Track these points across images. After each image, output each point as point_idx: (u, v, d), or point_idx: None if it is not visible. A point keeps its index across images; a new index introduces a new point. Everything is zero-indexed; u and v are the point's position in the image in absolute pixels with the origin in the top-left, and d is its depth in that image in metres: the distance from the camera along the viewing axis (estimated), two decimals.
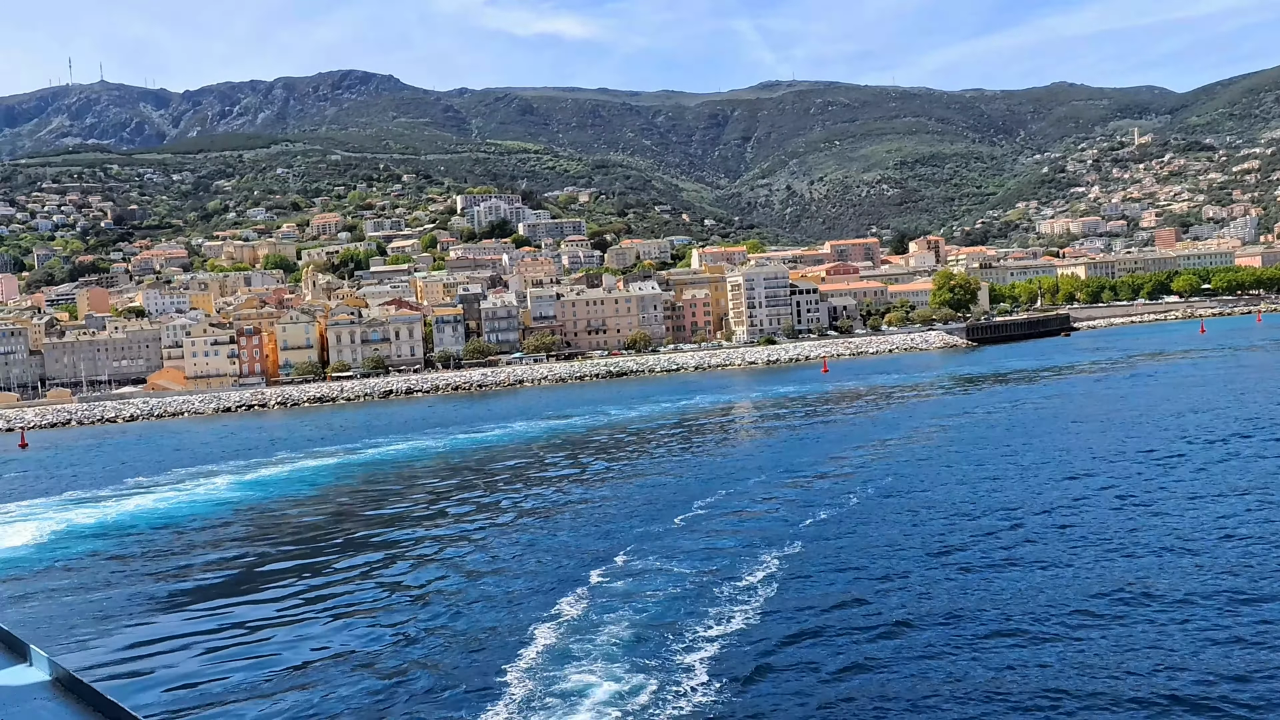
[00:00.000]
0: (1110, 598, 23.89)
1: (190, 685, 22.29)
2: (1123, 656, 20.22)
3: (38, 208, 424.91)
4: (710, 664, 21.53)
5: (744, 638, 23.10)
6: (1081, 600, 23.89)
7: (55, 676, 3.19)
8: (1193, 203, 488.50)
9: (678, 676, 20.92)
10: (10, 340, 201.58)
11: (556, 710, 19.47)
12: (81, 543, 42.13)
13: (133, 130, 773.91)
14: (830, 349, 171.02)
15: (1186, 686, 18.65)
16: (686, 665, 21.51)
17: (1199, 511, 32.42)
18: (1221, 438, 47.80)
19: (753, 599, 26.05)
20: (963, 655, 21.07)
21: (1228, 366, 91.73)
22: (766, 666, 21.21)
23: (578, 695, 20.11)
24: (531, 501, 45.44)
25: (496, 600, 28.13)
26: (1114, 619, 22.45)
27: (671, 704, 19.48)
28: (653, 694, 20.02)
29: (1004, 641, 21.67)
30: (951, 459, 48.42)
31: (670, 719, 18.95)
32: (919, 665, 20.79)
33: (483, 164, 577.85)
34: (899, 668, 20.80)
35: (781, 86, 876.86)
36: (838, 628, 23.35)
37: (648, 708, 19.40)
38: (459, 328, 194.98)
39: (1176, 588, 24.21)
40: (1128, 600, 23.65)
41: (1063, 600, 23.98)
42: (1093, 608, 23.26)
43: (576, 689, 20.45)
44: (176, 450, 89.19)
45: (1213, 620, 21.76)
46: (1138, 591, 24.18)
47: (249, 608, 29.33)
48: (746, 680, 20.55)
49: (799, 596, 26.18)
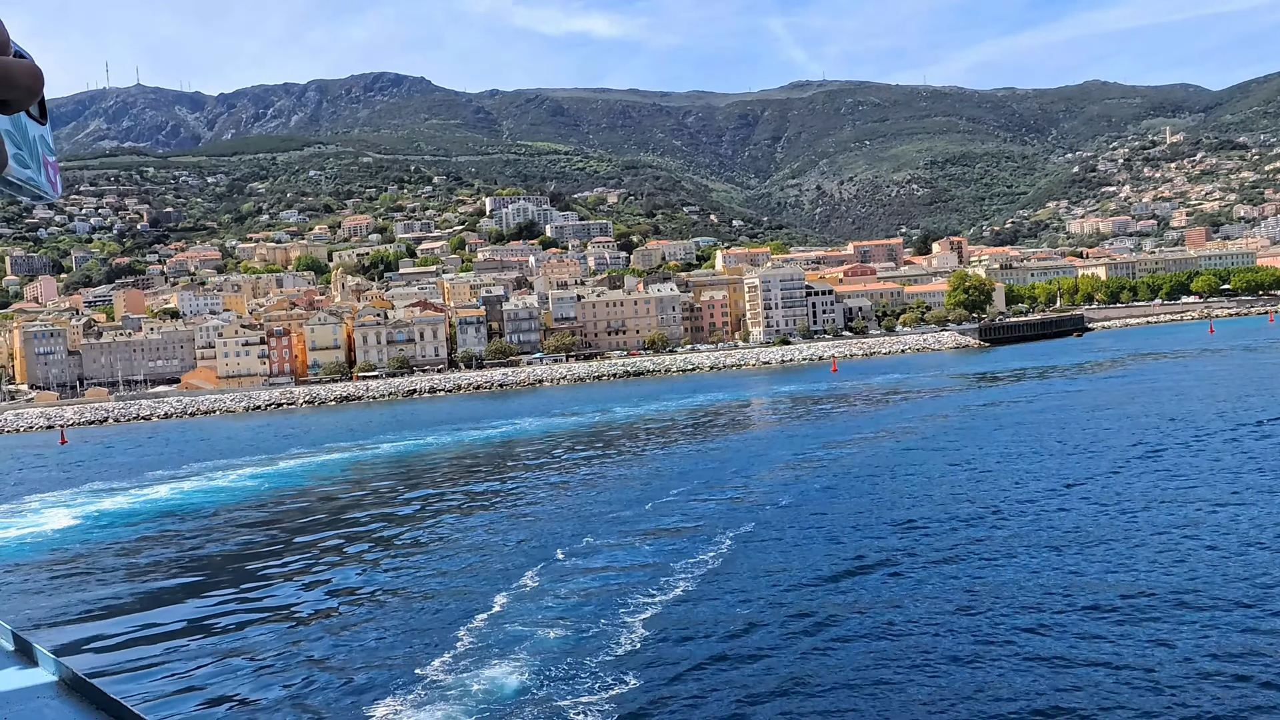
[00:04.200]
0: (1024, 594, 27.19)
1: (174, 675, 23.50)
2: (1070, 648, 21.34)
3: (75, 210, 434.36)
4: (638, 651, 23.12)
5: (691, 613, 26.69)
6: (1015, 595, 26.44)
7: (61, 677, 3.12)
8: (1224, 202, 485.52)
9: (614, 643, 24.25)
10: (50, 341, 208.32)
11: (502, 654, 23.18)
12: (102, 531, 46.39)
13: (168, 133, 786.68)
14: (843, 349, 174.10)
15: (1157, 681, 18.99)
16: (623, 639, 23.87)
17: (1072, 512, 35.20)
18: (1120, 446, 48.58)
19: (707, 572, 29.59)
20: (895, 643, 22.54)
21: (1207, 368, 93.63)
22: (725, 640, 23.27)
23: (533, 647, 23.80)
24: (517, 491, 49.22)
25: (467, 576, 31.94)
26: (1032, 612, 25.54)
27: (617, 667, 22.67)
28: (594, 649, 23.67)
29: (933, 617, 24.86)
30: (890, 461, 51.33)
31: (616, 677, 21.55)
32: (847, 651, 22.13)
33: (513, 165, 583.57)
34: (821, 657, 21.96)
35: (812, 86, 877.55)
36: (767, 612, 26.32)
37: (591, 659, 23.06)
38: (482, 329, 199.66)
39: (1075, 586, 27.47)
40: (1051, 593, 26.79)
41: (999, 595, 25.49)
42: (1026, 599, 25.32)
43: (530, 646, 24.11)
44: (203, 441, 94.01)
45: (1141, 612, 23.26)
46: (1049, 588, 27.45)
47: (255, 593, 33.06)
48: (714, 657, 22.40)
49: (726, 589, 29.43)
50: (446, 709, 20.14)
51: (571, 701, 20.02)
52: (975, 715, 18.36)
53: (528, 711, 19.57)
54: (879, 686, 19.95)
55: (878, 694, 19.58)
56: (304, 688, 21.91)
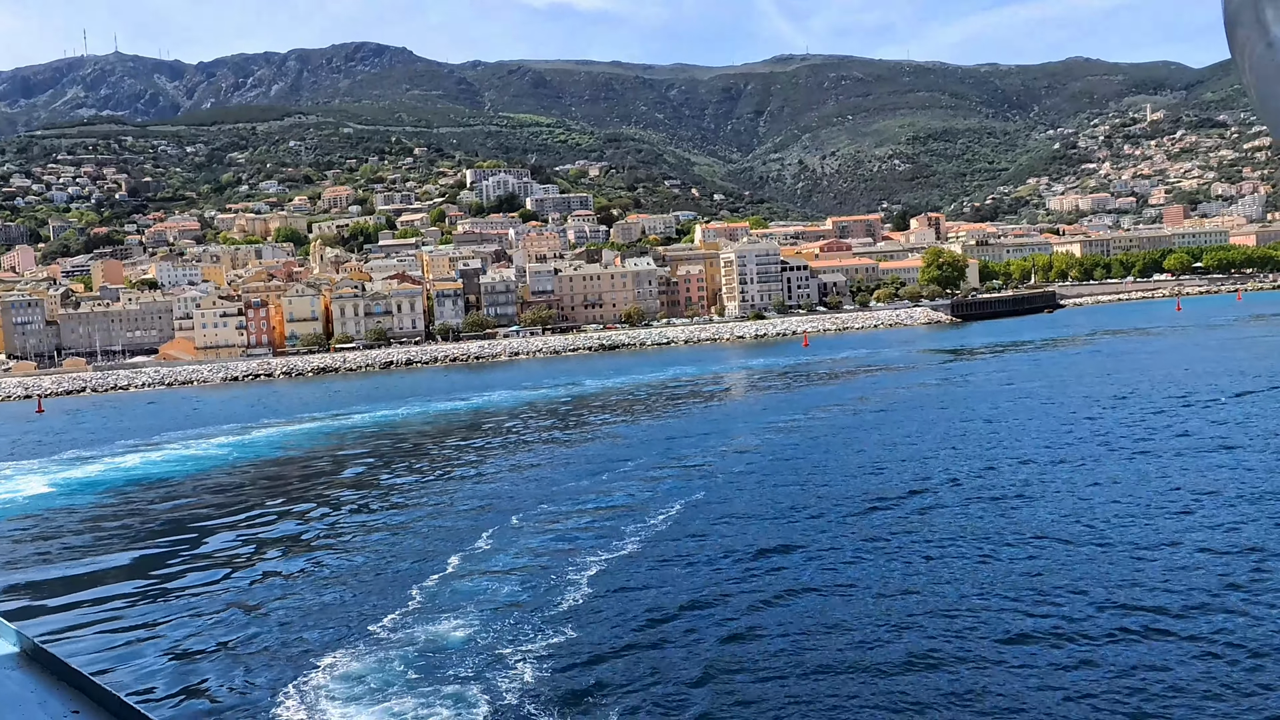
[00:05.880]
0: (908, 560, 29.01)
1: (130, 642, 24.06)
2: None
3: (53, 179, 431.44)
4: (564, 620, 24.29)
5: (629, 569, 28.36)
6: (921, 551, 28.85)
7: (22, 648, 3.06)
8: (1202, 180, 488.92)
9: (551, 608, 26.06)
10: (28, 311, 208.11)
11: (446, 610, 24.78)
12: (73, 498, 47.62)
13: (147, 101, 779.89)
14: (817, 324, 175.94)
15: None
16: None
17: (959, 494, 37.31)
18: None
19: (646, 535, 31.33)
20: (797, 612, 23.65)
21: (1153, 347, 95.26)
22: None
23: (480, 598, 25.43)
24: (479, 461, 50.76)
25: (424, 540, 33.53)
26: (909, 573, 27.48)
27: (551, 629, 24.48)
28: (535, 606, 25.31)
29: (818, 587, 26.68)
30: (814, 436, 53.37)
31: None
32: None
33: (495, 137, 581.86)
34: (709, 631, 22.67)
35: (796, 60, 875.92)
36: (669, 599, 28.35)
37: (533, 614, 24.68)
38: (459, 301, 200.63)
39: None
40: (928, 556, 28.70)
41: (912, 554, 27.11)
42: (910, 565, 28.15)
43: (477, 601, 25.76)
44: (192, 412, 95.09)
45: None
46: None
47: (219, 559, 34.60)
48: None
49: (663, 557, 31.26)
50: (389, 656, 21.63)
51: (512, 650, 21.46)
52: (901, 670, 20.05)
53: (468, 661, 21.03)
54: (805, 639, 21.49)
55: (802, 643, 21.08)
56: (259, 646, 23.09)
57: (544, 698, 18.84)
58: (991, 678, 18.54)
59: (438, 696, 19.21)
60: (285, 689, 19.96)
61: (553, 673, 20.09)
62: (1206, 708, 16.69)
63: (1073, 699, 17.43)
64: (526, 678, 19.87)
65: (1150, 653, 19.04)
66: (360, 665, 21.15)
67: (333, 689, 19.89)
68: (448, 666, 20.78)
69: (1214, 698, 17.00)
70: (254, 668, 21.54)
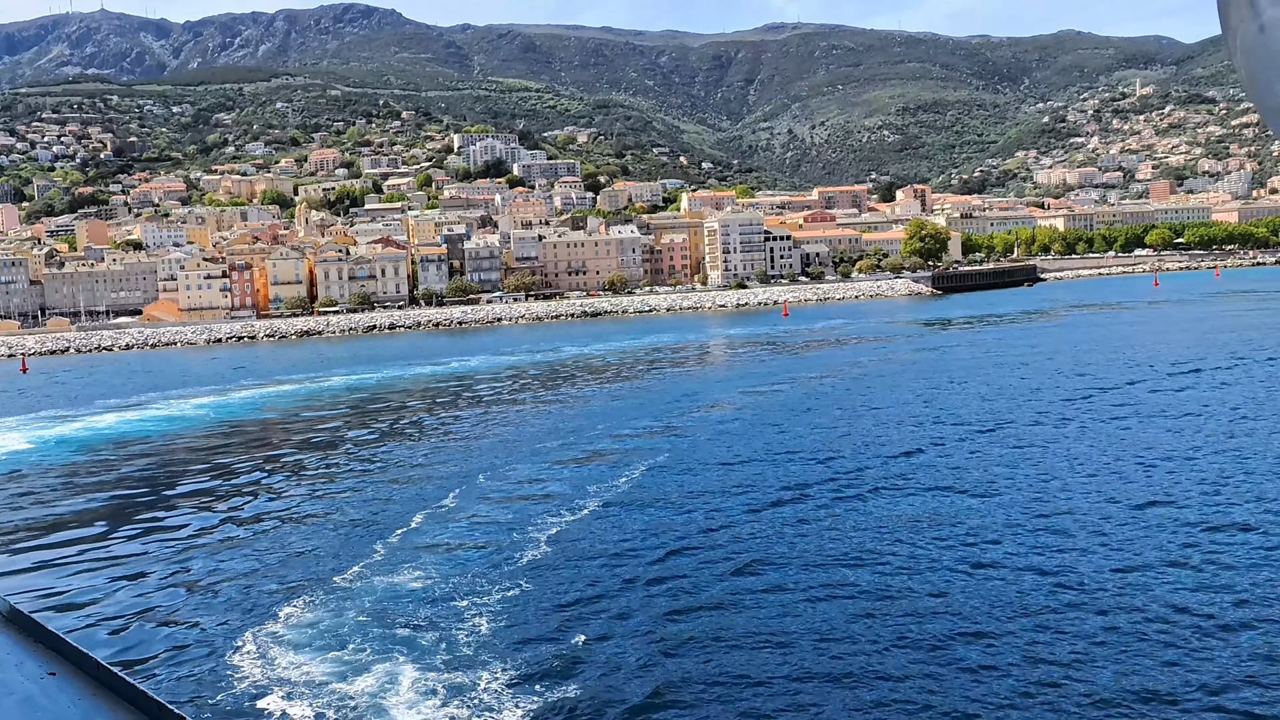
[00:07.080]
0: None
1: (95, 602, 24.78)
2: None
3: (37, 138, 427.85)
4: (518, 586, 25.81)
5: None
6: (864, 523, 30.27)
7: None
8: (1190, 155, 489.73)
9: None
10: (11, 270, 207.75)
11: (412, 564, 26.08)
12: (52, 455, 48.77)
13: (133, 60, 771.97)
14: (798, 294, 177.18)
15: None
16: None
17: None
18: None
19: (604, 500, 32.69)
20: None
21: (1122, 323, 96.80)
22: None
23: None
24: (452, 424, 51.98)
25: (391, 498, 34.83)
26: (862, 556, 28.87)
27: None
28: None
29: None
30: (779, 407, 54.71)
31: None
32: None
33: (483, 102, 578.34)
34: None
35: (786, 29, 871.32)
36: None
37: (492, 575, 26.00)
38: (443, 267, 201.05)
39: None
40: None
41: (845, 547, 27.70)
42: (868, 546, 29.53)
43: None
44: (161, 372, 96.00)
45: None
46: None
47: (192, 516, 35.76)
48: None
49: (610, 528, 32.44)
50: (348, 607, 22.94)
51: (468, 602, 22.77)
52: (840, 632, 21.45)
53: (424, 612, 22.31)
54: (760, 596, 22.96)
55: (759, 600, 22.50)
56: (229, 602, 24.15)
57: (497, 648, 19.86)
58: (960, 641, 19.71)
59: (393, 643, 20.38)
60: (252, 642, 20.94)
61: (508, 625, 21.16)
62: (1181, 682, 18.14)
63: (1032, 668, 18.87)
64: (482, 629, 20.94)
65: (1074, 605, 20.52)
66: (321, 615, 22.33)
67: (293, 638, 20.95)
68: (405, 617, 21.92)
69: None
70: (226, 622, 22.39)
